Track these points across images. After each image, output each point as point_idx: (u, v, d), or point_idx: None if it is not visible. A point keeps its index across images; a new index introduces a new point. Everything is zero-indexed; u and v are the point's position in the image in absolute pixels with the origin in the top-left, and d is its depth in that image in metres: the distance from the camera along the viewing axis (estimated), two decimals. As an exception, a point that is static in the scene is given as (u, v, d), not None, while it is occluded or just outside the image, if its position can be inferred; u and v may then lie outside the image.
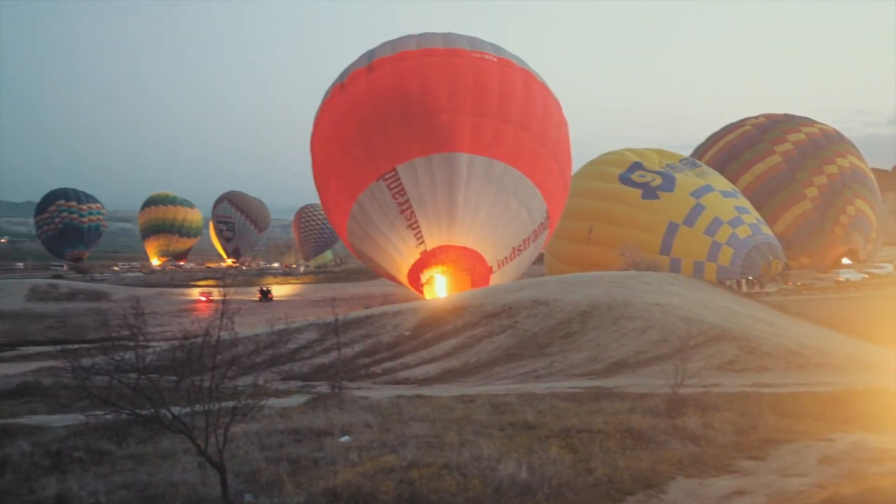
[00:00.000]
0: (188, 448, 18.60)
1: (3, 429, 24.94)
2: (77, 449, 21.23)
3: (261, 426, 22.71)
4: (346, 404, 27.72)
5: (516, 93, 75.83)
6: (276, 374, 44.24)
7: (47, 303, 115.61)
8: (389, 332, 52.41)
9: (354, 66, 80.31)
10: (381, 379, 43.21)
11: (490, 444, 19.77)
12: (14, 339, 79.66)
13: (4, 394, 37.73)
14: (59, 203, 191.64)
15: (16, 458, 20.52)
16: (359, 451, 19.49)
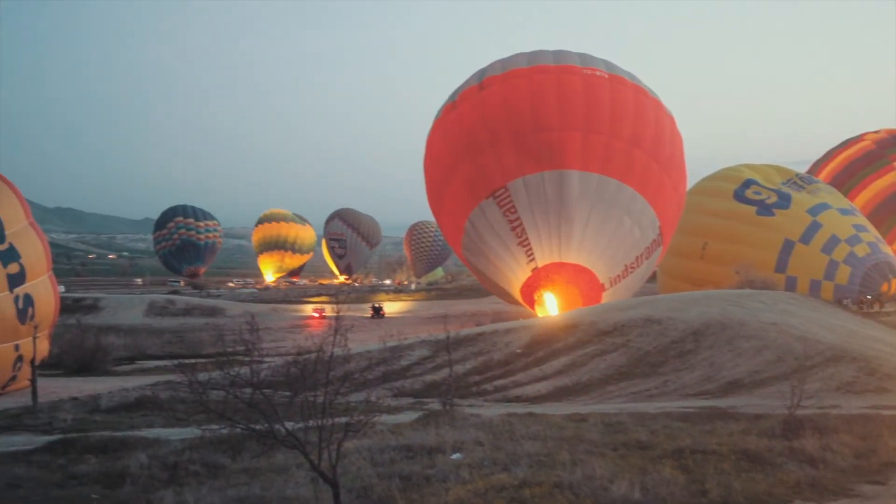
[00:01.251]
0: (301, 463, 18.75)
1: (121, 441, 25.45)
2: (193, 462, 21.56)
3: (373, 442, 22.82)
4: (457, 421, 27.71)
5: (628, 108, 75.31)
6: (387, 391, 44.46)
7: (164, 318, 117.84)
8: (501, 350, 52.29)
9: (466, 85, 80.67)
10: (493, 396, 43.14)
11: (602, 463, 19.59)
12: (132, 353, 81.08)
13: (123, 407, 38.50)
14: (178, 220, 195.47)
15: (134, 470, 20.91)
16: (470, 469, 19.46)
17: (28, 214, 52.36)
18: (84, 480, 20.52)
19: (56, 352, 62.56)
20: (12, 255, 48.68)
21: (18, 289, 48.52)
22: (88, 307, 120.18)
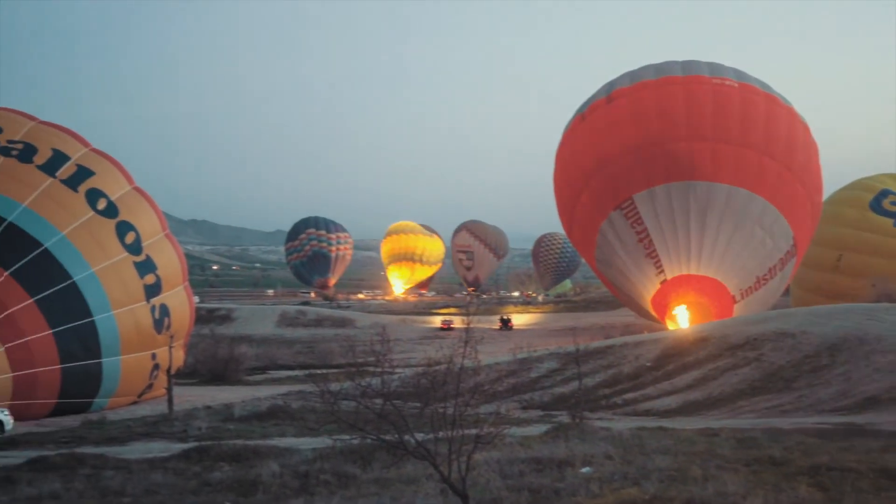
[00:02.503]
0: (431, 474, 18.81)
1: (254, 450, 25.86)
2: (324, 472, 21.78)
3: (502, 454, 22.76)
4: (586, 435, 27.53)
5: (758, 117, 74.00)
6: (516, 403, 44.41)
7: (296, 328, 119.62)
8: (630, 363, 51.89)
9: (594, 98, 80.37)
10: (622, 410, 42.81)
11: (735, 479, 19.23)
12: (264, 363, 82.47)
13: (255, 416, 39.16)
14: (309, 231, 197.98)
15: (266, 478, 21.21)
16: (600, 483, 19.28)
17: (164, 226, 53.61)
18: (218, 487, 20.89)
19: (191, 361, 63.95)
20: (149, 266, 49.88)
21: (155, 299, 49.68)
22: (222, 318, 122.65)
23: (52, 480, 21.62)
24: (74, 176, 49.48)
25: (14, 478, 21.95)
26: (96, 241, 47.96)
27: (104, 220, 49.00)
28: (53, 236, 46.41)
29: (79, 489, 20.87)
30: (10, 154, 48.70)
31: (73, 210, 48.11)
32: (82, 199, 48.83)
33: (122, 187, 51.58)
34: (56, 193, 48.24)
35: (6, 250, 45.03)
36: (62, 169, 49.37)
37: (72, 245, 46.79)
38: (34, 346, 43.91)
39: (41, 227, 46.48)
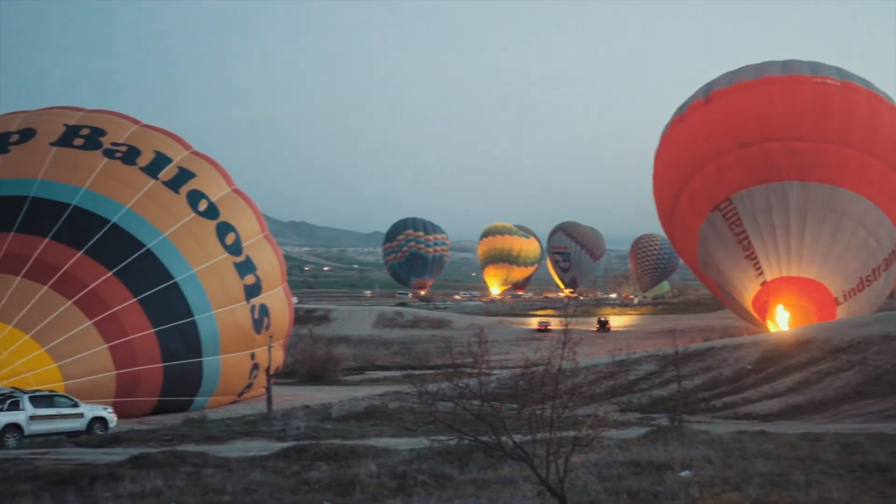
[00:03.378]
0: (528, 476, 18.69)
1: (351, 449, 25.97)
2: (421, 472, 21.76)
3: (600, 457, 22.57)
4: (686, 438, 27.18)
5: (860, 116, 72.56)
6: (614, 405, 44.07)
7: (393, 329, 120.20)
8: (730, 366, 51.19)
9: (693, 99, 79.66)
10: (722, 413, 42.23)
11: (839, 485, 18.82)
12: (362, 363, 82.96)
13: (353, 416, 39.40)
14: (408, 233, 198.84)
15: (364, 478, 21.26)
16: (700, 487, 19.00)
17: (264, 227, 54.23)
18: (316, 487, 20.98)
19: (290, 361, 64.60)
20: (249, 266, 50.49)
21: (255, 299, 50.26)
22: (320, 318, 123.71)
23: (154, 478, 21.91)
24: (176, 178, 50.31)
25: (117, 474, 22.29)
26: (197, 242, 48.70)
27: (205, 222, 49.73)
28: (155, 237, 47.23)
29: (180, 487, 21.12)
30: (114, 156, 49.70)
31: (174, 211, 48.91)
32: (184, 201, 49.62)
33: (222, 189, 52.32)
34: (158, 195, 49.10)
35: (110, 251, 45.94)
36: (164, 171, 50.23)
37: (173, 246, 47.57)
38: (137, 345, 44.73)
39: (144, 228, 47.35)
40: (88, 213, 46.92)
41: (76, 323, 43.54)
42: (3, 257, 44.65)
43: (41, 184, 47.63)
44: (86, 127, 51.40)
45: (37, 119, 52.76)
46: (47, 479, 22.22)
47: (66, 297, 44.00)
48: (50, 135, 50.53)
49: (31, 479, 22.31)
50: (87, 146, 50.14)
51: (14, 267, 44.43)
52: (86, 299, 44.25)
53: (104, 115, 54.07)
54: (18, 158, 49.30)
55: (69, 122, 51.78)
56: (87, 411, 37.24)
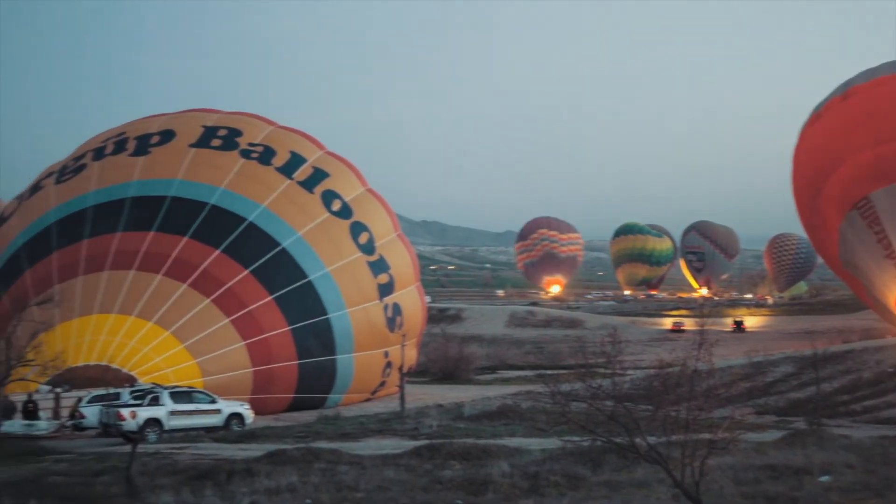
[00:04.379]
0: (663, 479, 18.43)
1: (484, 449, 25.96)
2: (554, 473, 21.65)
3: (736, 460, 22.17)
4: (824, 442, 26.54)
5: None
6: (751, 408, 43.27)
7: (525, 329, 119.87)
8: (871, 369, 49.87)
9: (831, 96, 77.70)
10: (862, 418, 41.13)
11: None
12: (494, 362, 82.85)
13: (485, 415, 39.37)
14: (541, 231, 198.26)
15: (496, 478, 21.24)
16: (840, 493, 18.53)
17: (397, 227, 54.59)
18: (448, 486, 21.02)
19: (422, 360, 64.89)
20: (382, 265, 50.85)
21: (388, 298, 50.59)
22: (452, 317, 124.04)
23: (290, 473, 22.21)
24: (311, 178, 50.97)
25: (254, 470, 22.65)
26: (331, 242, 49.25)
27: (339, 221, 50.26)
28: (291, 236, 47.93)
29: (314, 483, 21.36)
30: (250, 156, 50.59)
31: (309, 211, 49.56)
32: (318, 201, 50.24)
33: (355, 189, 52.83)
34: (293, 195, 49.82)
35: (247, 249, 46.79)
36: (299, 171, 50.93)
37: (308, 245, 48.20)
38: (273, 343, 45.42)
39: (279, 227, 48.09)
40: (226, 213, 47.87)
41: (214, 320, 44.44)
42: (144, 256, 45.85)
43: (180, 184, 48.79)
44: (223, 128, 52.46)
45: (176, 121, 54.07)
46: (186, 474, 22.68)
47: (205, 294, 44.95)
48: (189, 136, 51.71)
49: (170, 474, 22.80)
50: (225, 147, 51.17)
51: (154, 265, 45.59)
52: (223, 297, 45.14)
53: (240, 117, 55.09)
54: (159, 159, 50.60)
55: (207, 124, 52.90)
56: (224, 407, 37.88)
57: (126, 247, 46.54)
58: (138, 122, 55.90)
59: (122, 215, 47.95)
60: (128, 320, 43.66)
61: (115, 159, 51.66)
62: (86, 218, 48.46)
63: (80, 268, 46.08)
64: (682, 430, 16.28)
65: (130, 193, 48.93)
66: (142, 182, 49.33)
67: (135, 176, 49.78)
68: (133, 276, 45.28)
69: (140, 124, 55.04)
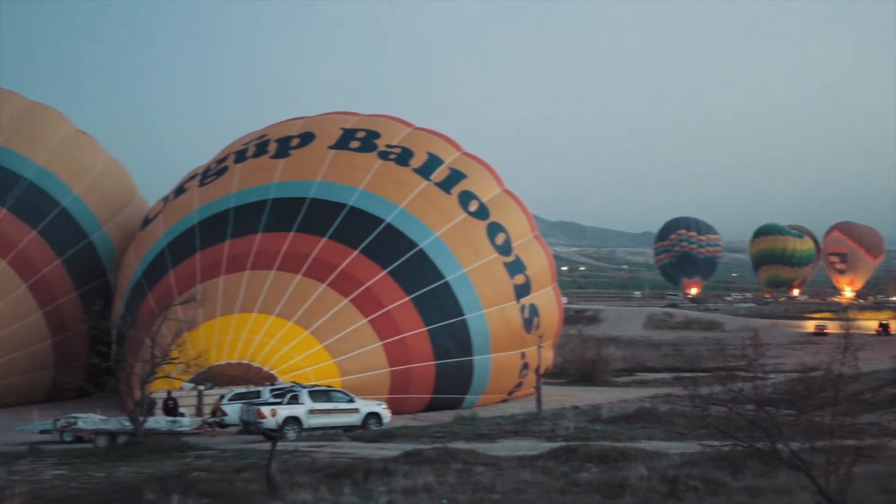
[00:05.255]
0: (806, 486, 17.98)
1: (621, 452, 25.70)
2: (692, 477, 21.30)
3: (883, 468, 21.48)
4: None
5: None
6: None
7: (663, 331, 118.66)
8: None
9: None
10: None
11: None
12: (631, 364, 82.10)
13: (622, 417, 39.00)
14: (680, 232, 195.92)
15: (634, 481, 20.99)
16: None
17: (533, 228, 54.46)
18: (585, 489, 20.86)
19: (559, 361, 64.60)
20: (519, 266, 50.75)
21: (524, 299, 50.46)
22: (589, 318, 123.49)
23: (426, 473, 22.30)
24: (448, 179, 51.18)
25: (391, 469, 22.80)
26: (468, 242, 49.36)
27: (476, 222, 50.35)
28: (428, 237, 48.20)
29: (451, 483, 21.41)
30: (388, 158, 51.07)
31: (446, 212, 49.78)
32: (455, 201, 50.42)
33: (492, 190, 52.87)
34: (431, 195, 50.10)
35: (384, 250, 47.23)
36: (436, 172, 51.19)
37: (445, 246, 48.41)
38: (410, 343, 45.74)
39: (417, 228, 48.41)
40: (364, 213, 48.41)
41: (352, 320, 44.97)
42: (284, 256, 46.66)
43: (320, 185, 49.53)
44: (361, 130, 53.06)
45: (315, 124, 54.89)
46: (324, 472, 22.95)
47: (343, 294, 45.53)
48: (328, 138, 52.45)
49: (309, 472, 23.09)
50: (363, 148, 51.76)
51: (294, 265, 46.35)
52: (361, 297, 45.65)
53: (379, 119, 55.62)
54: (299, 161, 51.47)
55: (346, 126, 53.58)
56: (362, 407, 38.21)
57: (267, 247, 47.43)
58: (279, 124, 56.91)
59: (263, 216, 48.87)
60: (268, 319, 44.47)
61: (256, 161, 52.73)
62: (228, 219, 49.53)
63: (223, 268, 47.13)
64: (827, 436, 15.88)
65: (271, 195, 49.84)
66: (282, 184, 50.21)
67: (275, 178, 50.69)
68: (273, 276, 46.11)
69: (281, 127, 56.06)
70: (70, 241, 54.08)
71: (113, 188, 58.94)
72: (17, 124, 56.05)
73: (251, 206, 49.62)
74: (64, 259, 53.32)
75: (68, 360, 52.02)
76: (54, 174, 55.09)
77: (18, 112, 57.36)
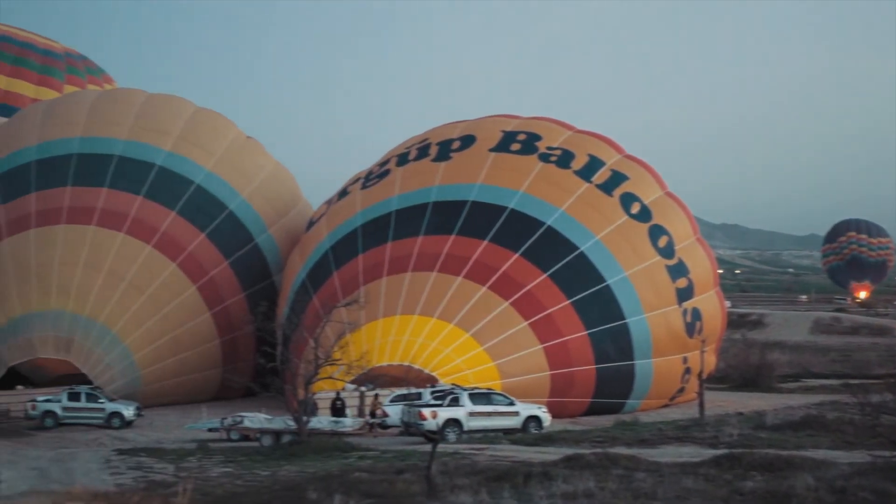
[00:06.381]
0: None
1: (787, 461, 25.09)
2: (862, 489, 20.67)
3: None
4: None
5: None
6: None
7: (830, 336, 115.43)
8: None
9: None
10: None
11: None
12: (797, 370, 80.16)
13: (788, 425, 38.08)
14: (850, 234, 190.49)
15: (800, 491, 20.47)
16: None
17: (696, 230, 53.69)
18: (749, 498, 20.45)
19: (722, 366, 63.56)
20: (681, 269, 50.09)
21: (687, 303, 49.80)
22: (753, 323, 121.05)
23: (587, 478, 22.15)
24: (609, 181, 50.86)
25: (551, 474, 22.72)
26: (630, 245, 48.99)
27: (637, 224, 49.91)
28: (589, 240, 48.02)
29: (612, 489, 21.22)
30: (548, 160, 51.02)
31: (607, 214, 49.49)
32: (616, 204, 50.08)
33: (654, 192, 52.31)
34: (591, 198, 49.88)
35: (545, 253, 47.26)
36: (598, 174, 50.93)
37: (606, 249, 48.14)
38: (571, 346, 45.64)
39: (577, 230, 48.28)
40: (524, 216, 48.50)
41: (513, 323, 45.10)
42: (445, 258, 47.07)
43: (480, 188, 49.80)
44: (522, 132, 53.14)
45: (476, 127, 55.20)
46: (484, 475, 23.02)
47: (504, 297, 45.70)
48: (489, 141, 52.69)
49: (469, 474, 23.19)
50: (524, 151, 51.85)
51: (455, 267, 46.72)
52: (522, 300, 45.76)
53: (539, 122, 55.61)
54: (459, 164, 51.84)
55: (506, 129, 53.72)
56: (522, 410, 38.20)
57: (428, 249, 47.92)
58: (440, 128, 57.38)
59: (425, 219, 49.40)
60: (430, 322, 44.92)
61: (417, 165, 53.32)
62: (390, 221, 50.23)
63: (385, 269, 47.82)
64: None
65: (432, 198, 50.34)
66: (443, 187, 50.65)
67: (436, 181, 51.17)
68: (434, 278, 46.55)
69: (442, 130, 56.52)
70: (237, 244, 55.69)
71: (278, 192, 60.38)
72: (186, 130, 58.01)
73: (413, 209, 50.20)
74: (231, 261, 54.93)
75: (235, 359, 53.57)
76: (222, 178, 56.81)
77: (188, 118, 59.36)
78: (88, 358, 49.26)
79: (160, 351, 51.35)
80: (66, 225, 52.57)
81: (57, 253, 51.48)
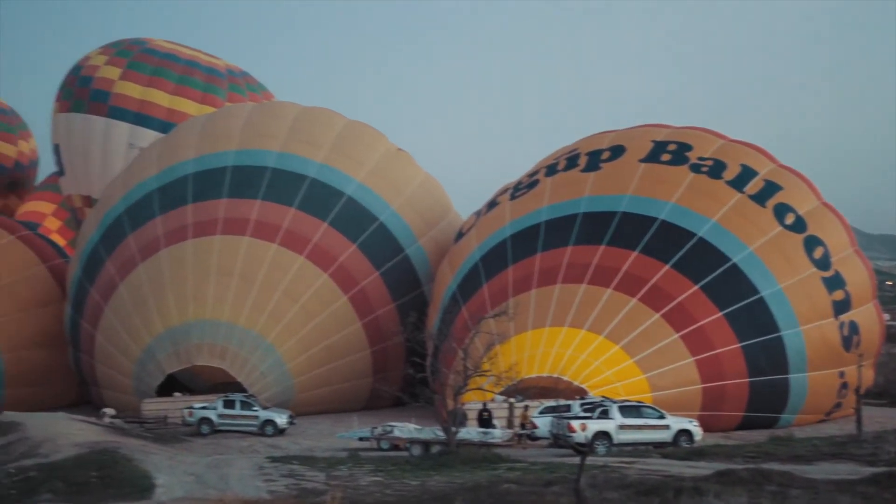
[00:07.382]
0: None
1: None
2: None
3: None
4: None
5: None
6: None
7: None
8: None
9: None
10: None
11: None
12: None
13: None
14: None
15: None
16: None
17: (853, 241, 52.33)
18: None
19: (881, 381, 61.74)
20: (838, 281, 48.91)
21: (843, 316, 48.60)
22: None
23: (739, 495, 21.81)
24: (762, 191, 49.97)
25: (702, 489, 22.42)
26: (784, 257, 48.05)
27: (792, 235, 48.93)
28: (741, 251, 47.27)
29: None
30: (700, 170, 50.39)
31: (760, 225, 48.64)
32: (770, 215, 49.17)
33: (809, 202, 51.17)
34: (744, 208, 49.09)
35: (697, 264, 46.71)
36: (750, 184, 50.08)
37: (759, 260, 47.32)
38: (723, 359, 44.99)
39: (730, 242, 47.57)
40: (675, 227, 48.00)
41: (663, 335, 44.67)
42: (594, 270, 46.90)
43: (630, 199, 49.47)
44: (673, 143, 52.58)
45: (626, 137, 54.83)
46: (634, 489, 22.84)
47: (654, 309, 45.30)
48: (639, 151, 52.29)
49: (618, 488, 23.04)
50: (674, 161, 51.30)
51: (604, 279, 46.52)
52: (673, 312, 45.28)
53: (690, 131, 54.89)
54: (609, 175, 51.61)
55: (657, 139, 53.22)
56: (673, 423, 37.79)
57: (577, 260, 47.83)
58: (590, 138, 57.17)
59: (574, 230, 49.32)
60: (579, 333, 44.82)
61: (567, 175, 53.20)
62: (539, 232, 50.26)
63: (534, 281, 47.88)
64: None
65: (582, 209, 50.22)
66: (593, 197, 50.46)
67: (586, 191, 51.02)
68: (584, 290, 46.42)
69: (591, 141, 56.30)
70: (387, 255, 56.38)
71: (428, 203, 60.89)
72: (338, 142, 59.11)
73: (562, 220, 50.15)
74: (382, 272, 55.62)
75: (385, 369, 54.19)
76: (373, 190, 57.64)
77: (340, 130, 60.43)
78: (244, 366, 50.60)
79: (313, 360, 52.34)
80: (222, 236, 54.05)
81: (213, 264, 52.96)
